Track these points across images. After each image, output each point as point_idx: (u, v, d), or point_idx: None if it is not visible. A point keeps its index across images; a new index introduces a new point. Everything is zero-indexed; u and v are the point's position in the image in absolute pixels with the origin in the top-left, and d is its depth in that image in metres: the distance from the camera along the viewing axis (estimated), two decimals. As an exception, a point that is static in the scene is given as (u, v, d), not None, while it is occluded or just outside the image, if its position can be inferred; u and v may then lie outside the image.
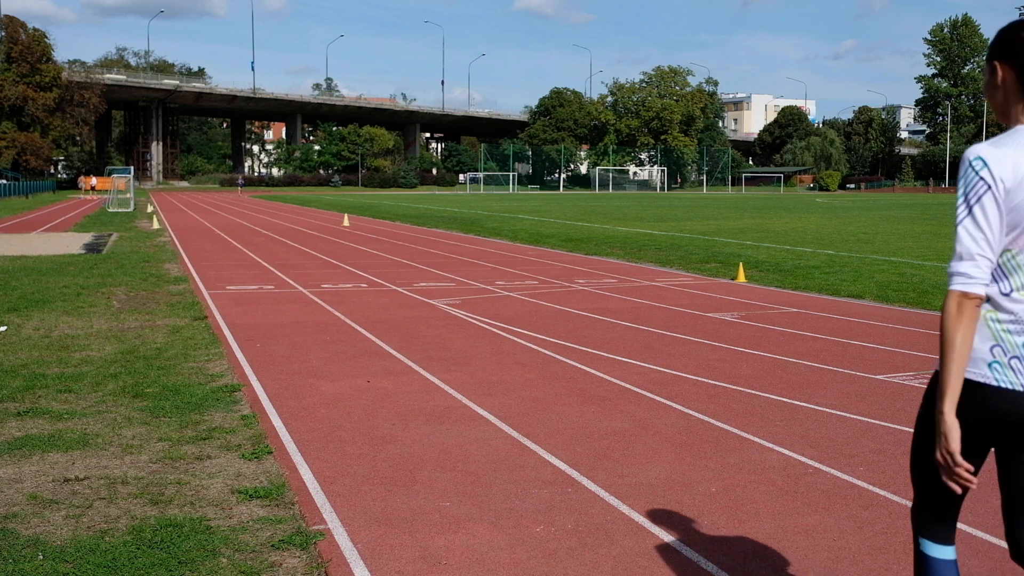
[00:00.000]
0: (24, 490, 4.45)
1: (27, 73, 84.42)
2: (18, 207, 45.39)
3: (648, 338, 8.83)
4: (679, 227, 27.95)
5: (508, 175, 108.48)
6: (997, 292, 2.32)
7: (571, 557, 3.71)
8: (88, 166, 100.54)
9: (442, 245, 21.18)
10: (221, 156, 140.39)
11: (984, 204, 2.25)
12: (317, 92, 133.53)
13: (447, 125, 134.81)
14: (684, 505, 4.30)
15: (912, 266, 15.45)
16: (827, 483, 4.63)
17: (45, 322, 9.45)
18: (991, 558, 3.71)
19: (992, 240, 2.25)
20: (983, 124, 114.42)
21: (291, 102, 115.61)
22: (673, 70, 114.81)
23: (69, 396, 6.32)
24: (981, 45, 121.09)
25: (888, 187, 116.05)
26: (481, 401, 6.30)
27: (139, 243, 21.06)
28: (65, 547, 3.74)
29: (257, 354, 7.94)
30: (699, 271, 15.27)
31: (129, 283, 12.98)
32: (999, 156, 2.27)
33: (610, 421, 5.80)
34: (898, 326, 9.53)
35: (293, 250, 19.73)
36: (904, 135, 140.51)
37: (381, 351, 8.10)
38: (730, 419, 5.81)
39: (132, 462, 4.91)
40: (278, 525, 4.02)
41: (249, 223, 31.05)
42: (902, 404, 6.24)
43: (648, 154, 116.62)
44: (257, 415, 5.88)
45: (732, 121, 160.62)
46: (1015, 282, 2.30)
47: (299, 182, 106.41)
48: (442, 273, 14.84)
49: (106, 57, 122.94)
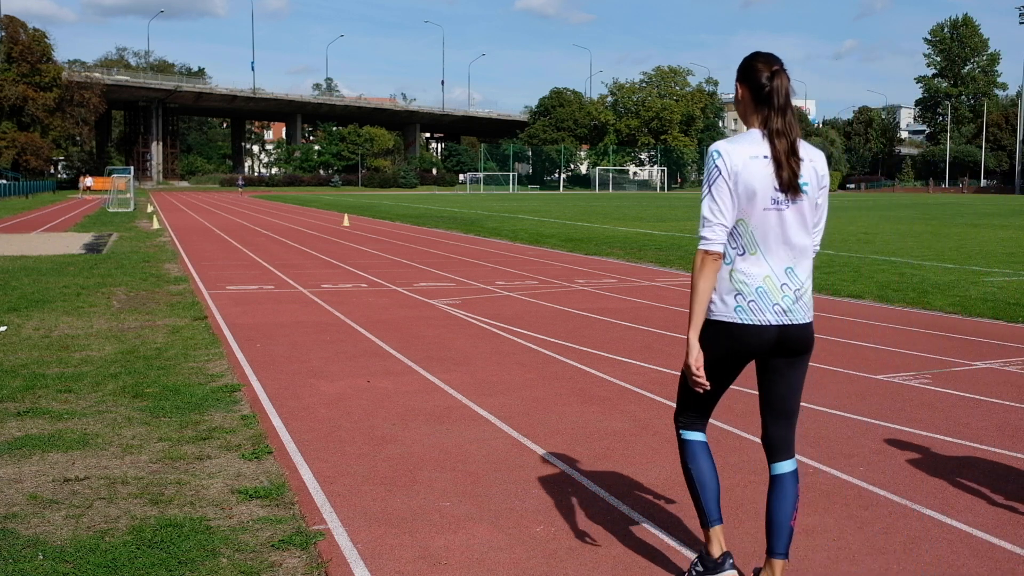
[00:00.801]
0: (24, 490, 4.45)
1: (27, 73, 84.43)
2: (18, 207, 45.40)
3: (648, 338, 8.83)
4: (679, 227, 27.95)
5: (508, 175, 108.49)
6: (735, 254, 3.15)
7: (571, 557, 3.71)
8: (88, 166, 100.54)
9: (442, 245, 21.18)
10: (221, 156, 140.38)
11: (719, 185, 3.11)
12: (317, 92, 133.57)
13: (447, 125, 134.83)
14: (684, 505, 4.30)
15: (912, 266, 15.45)
16: (827, 483, 4.63)
17: (45, 322, 9.45)
18: (991, 558, 3.71)
19: (725, 212, 3.11)
20: (983, 124, 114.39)
21: (291, 102, 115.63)
22: (673, 70, 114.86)
23: (69, 396, 6.32)
24: (981, 45, 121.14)
25: (888, 187, 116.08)
26: (481, 401, 6.30)
27: (139, 243, 21.06)
28: (65, 547, 3.74)
29: (257, 354, 7.94)
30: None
31: (129, 283, 12.98)
32: (731, 150, 3.12)
33: (610, 421, 5.80)
34: (898, 326, 9.53)
35: (293, 250, 19.73)
36: (904, 135, 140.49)
37: (381, 351, 8.10)
38: (730, 419, 5.81)
39: (132, 462, 4.91)
40: (278, 525, 4.02)
41: (249, 223, 31.05)
42: (902, 404, 6.24)
43: (648, 154, 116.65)
44: (257, 415, 5.88)
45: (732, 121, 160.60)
46: (746, 245, 3.15)
47: (299, 182, 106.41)
48: (442, 273, 14.84)
49: (106, 57, 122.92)
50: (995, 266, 15.75)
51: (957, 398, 6.41)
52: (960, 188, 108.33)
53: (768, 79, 3.14)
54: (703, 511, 3.32)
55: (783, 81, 3.14)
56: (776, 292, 3.14)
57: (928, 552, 3.77)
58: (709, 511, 3.31)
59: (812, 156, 3.20)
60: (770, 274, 3.14)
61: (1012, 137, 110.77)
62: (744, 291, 3.14)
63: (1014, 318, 9.99)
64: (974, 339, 8.74)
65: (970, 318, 10.09)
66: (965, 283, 13.12)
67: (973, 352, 8.09)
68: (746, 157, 3.11)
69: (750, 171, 3.10)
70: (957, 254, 18.15)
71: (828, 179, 3.27)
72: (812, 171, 3.18)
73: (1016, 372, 7.28)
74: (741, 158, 3.11)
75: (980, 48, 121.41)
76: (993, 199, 73.02)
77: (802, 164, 3.14)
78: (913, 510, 4.26)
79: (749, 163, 3.10)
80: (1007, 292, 12.11)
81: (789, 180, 3.10)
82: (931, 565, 3.64)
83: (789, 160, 3.10)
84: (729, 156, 3.11)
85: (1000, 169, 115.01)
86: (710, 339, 3.20)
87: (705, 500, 3.31)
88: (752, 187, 3.10)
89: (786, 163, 3.10)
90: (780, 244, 3.15)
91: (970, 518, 4.15)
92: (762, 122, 3.16)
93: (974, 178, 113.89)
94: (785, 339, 3.18)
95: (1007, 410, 6.09)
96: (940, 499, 4.40)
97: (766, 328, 3.14)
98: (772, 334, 3.16)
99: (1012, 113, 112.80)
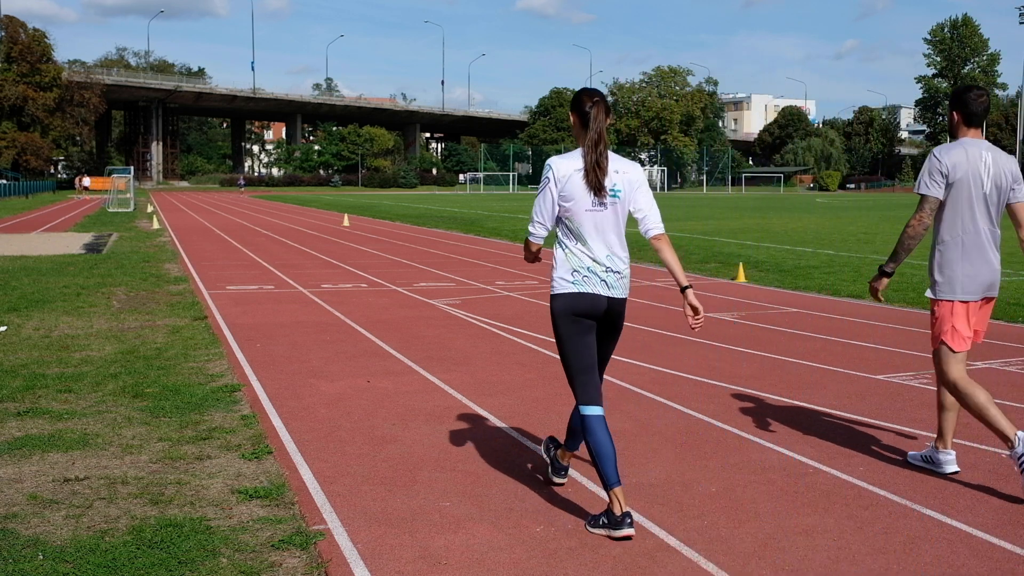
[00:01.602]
0: (24, 490, 4.45)
1: (27, 73, 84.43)
2: (18, 207, 45.40)
3: (648, 338, 8.83)
4: (679, 227, 27.96)
5: (508, 175, 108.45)
6: (571, 244, 4.02)
7: (571, 557, 3.71)
8: (88, 166, 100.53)
9: (442, 245, 21.19)
10: (221, 156, 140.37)
11: (546, 192, 3.98)
12: (317, 92, 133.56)
13: (447, 125, 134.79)
14: (684, 505, 4.30)
15: (912, 266, 15.45)
16: (827, 483, 4.63)
17: (45, 322, 9.45)
18: (991, 558, 3.71)
19: (545, 214, 4.01)
20: (983, 124, 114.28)
21: (291, 102, 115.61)
22: (673, 70, 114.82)
23: (69, 396, 6.32)
24: (981, 45, 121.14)
25: (888, 187, 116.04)
26: (481, 401, 6.30)
27: (139, 243, 21.06)
28: (65, 547, 3.74)
29: (257, 354, 7.94)
30: (699, 271, 15.28)
31: (129, 283, 12.98)
32: (560, 163, 3.99)
33: (610, 421, 5.78)
34: (898, 326, 9.53)
35: (293, 250, 19.73)
36: (904, 135, 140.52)
37: (381, 351, 8.10)
38: (730, 419, 5.81)
39: (132, 462, 4.91)
40: (278, 525, 4.02)
41: (249, 223, 31.06)
42: (902, 404, 6.24)
43: (648, 154, 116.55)
44: (257, 415, 5.88)
45: (732, 121, 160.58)
46: (575, 238, 4.00)
47: (299, 182, 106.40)
48: (442, 273, 14.84)
49: (106, 57, 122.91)
50: (995, 266, 15.73)
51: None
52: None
53: (589, 108, 3.97)
54: (604, 476, 3.92)
55: (599, 110, 3.97)
56: (599, 270, 4.00)
57: (928, 552, 3.77)
58: (609, 476, 3.91)
59: (624, 168, 4.03)
60: (595, 255, 3.99)
61: (1012, 137, 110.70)
62: (579, 269, 4.00)
63: (1014, 318, 9.99)
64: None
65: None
66: (965, 283, 13.11)
67: (973, 352, 8.07)
68: (571, 170, 3.96)
69: (573, 181, 3.95)
70: (957, 254, 18.12)
71: (644, 182, 4.09)
72: (625, 180, 4.01)
73: (1016, 372, 7.28)
74: (567, 171, 3.96)
75: (980, 48, 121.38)
76: (993, 199, 72.99)
77: (611, 175, 3.96)
78: (913, 510, 4.26)
79: (573, 175, 3.95)
80: (1007, 292, 12.11)
81: (596, 186, 3.93)
82: (931, 565, 3.64)
83: (596, 172, 3.93)
84: (558, 168, 3.98)
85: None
86: (562, 311, 4.04)
87: (605, 466, 3.91)
88: (574, 193, 3.94)
89: (594, 174, 3.93)
90: (600, 237, 3.99)
91: (970, 518, 4.15)
92: (584, 142, 3.99)
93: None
94: (610, 309, 4.07)
95: (1007, 410, 6.08)
96: (940, 499, 4.40)
97: (598, 297, 4.01)
98: (603, 303, 4.03)
99: (1012, 113, 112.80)
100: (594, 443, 3.94)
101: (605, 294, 4.01)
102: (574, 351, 4.05)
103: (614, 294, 4.04)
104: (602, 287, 4.00)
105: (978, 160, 4.60)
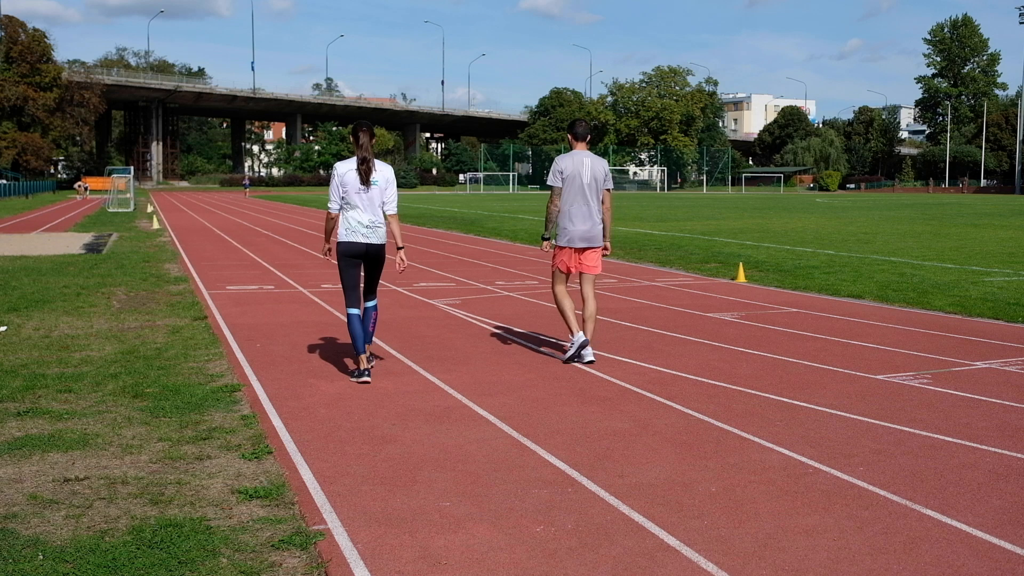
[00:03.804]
0: (24, 490, 4.45)
1: (27, 73, 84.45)
2: (18, 207, 45.40)
3: (648, 338, 8.83)
4: (679, 227, 27.96)
5: (508, 175, 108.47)
6: (347, 210, 6.89)
7: (571, 557, 3.71)
8: (88, 166, 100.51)
9: (442, 245, 21.19)
10: (221, 156, 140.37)
11: (334, 182, 6.91)
12: (317, 92, 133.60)
13: (447, 125, 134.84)
14: (684, 505, 4.30)
15: (912, 266, 15.45)
16: (827, 483, 4.63)
17: (45, 322, 9.45)
18: (991, 558, 3.71)
19: (335, 195, 6.91)
20: (983, 124, 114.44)
21: (291, 102, 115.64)
22: (673, 70, 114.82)
23: (69, 396, 6.32)
24: (981, 45, 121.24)
25: (888, 187, 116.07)
26: (481, 401, 6.30)
27: (139, 243, 21.06)
28: (65, 547, 3.74)
29: (257, 354, 7.94)
30: (699, 271, 15.27)
31: (129, 283, 12.98)
32: (340, 165, 6.92)
33: (610, 421, 5.80)
34: (898, 326, 9.53)
35: (293, 250, 19.73)
36: (904, 135, 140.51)
37: (381, 351, 8.10)
38: (730, 419, 5.81)
39: (132, 462, 4.91)
40: (278, 525, 4.02)
41: (249, 223, 31.06)
42: (902, 404, 6.24)
43: (648, 154, 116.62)
44: (257, 415, 5.88)
45: (732, 121, 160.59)
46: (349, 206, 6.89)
47: (299, 182, 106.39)
48: (442, 273, 14.84)
49: (106, 57, 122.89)
50: (995, 266, 15.75)
51: (957, 398, 6.41)
52: (960, 188, 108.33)
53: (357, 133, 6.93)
54: (355, 346, 6.86)
55: (363, 134, 6.92)
56: (363, 228, 6.85)
57: (928, 552, 3.77)
58: (357, 347, 6.85)
59: (381, 168, 6.96)
60: (360, 219, 6.85)
61: (1012, 137, 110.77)
62: (351, 225, 6.86)
63: (1014, 318, 9.99)
64: (974, 339, 8.74)
65: (970, 318, 10.09)
66: (965, 283, 13.12)
67: (973, 352, 8.09)
68: (350, 168, 6.87)
69: (350, 175, 6.83)
70: (957, 254, 18.15)
71: (392, 179, 7.02)
72: (381, 176, 6.92)
73: (1016, 372, 7.28)
74: (346, 168, 6.88)
75: (980, 48, 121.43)
76: (993, 199, 73.04)
77: (374, 172, 6.85)
78: (913, 510, 4.26)
79: (350, 171, 6.85)
80: (1007, 292, 12.11)
81: (363, 178, 6.81)
82: (931, 565, 3.64)
83: (361, 169, 6.82)
84: (339, 168, 6.88)
85: (1000, 169, 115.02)
86: (341, 251, 6.90)
87: (354, 342, 6.86)
88: (348, 183, 6.82)
89: (361, 171, 6.82)
90: (364, 207, 6.85)
91: (970, 518, 4.15)
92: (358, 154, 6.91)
93: (974, 178, 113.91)
94: (369, 252, 6.92)
95: (1007, 410, 6.09)
96: (940, 499, 4.40)
97: (359, 244, 6.86)
98: (363, 247, 6.88)
99: (1012, 113, 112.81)
100: (351, 329, 6.86)
101: (365, 242, 6.86)
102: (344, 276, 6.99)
103: (371, 242, 6.89)
104: (363, 237, 6.86)
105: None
